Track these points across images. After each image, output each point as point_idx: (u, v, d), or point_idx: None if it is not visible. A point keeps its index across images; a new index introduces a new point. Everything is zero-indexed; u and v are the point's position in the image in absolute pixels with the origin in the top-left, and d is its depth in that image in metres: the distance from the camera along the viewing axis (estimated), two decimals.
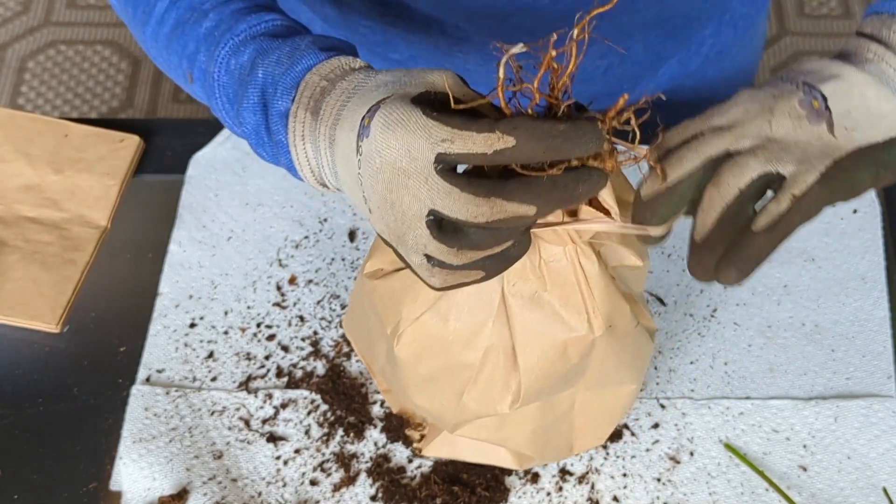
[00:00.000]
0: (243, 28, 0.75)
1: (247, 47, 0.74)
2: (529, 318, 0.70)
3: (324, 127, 0.68)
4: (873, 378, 0.88)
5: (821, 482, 0.84)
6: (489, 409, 0.74)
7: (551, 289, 0.69)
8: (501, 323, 0.71)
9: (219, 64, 0.75)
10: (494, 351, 0.72)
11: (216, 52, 0.75)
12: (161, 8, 0.80)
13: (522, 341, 0.71)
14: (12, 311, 0.93)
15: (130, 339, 0.92)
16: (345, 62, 0.71)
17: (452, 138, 0.59)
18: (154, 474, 0.84)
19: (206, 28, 0.77)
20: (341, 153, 0.66)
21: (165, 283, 0.95)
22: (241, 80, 0.73)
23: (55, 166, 1.01)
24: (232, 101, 0.75)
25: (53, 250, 0.96)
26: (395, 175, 0.61)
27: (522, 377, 0.72)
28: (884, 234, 0.95)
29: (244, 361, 0.90)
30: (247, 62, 0.73)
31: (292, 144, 0.70)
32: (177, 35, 0.79)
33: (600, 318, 0.70)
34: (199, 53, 0.77)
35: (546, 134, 0.59)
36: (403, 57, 1.08)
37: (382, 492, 0.84)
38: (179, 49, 0.79)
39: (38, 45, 2.22)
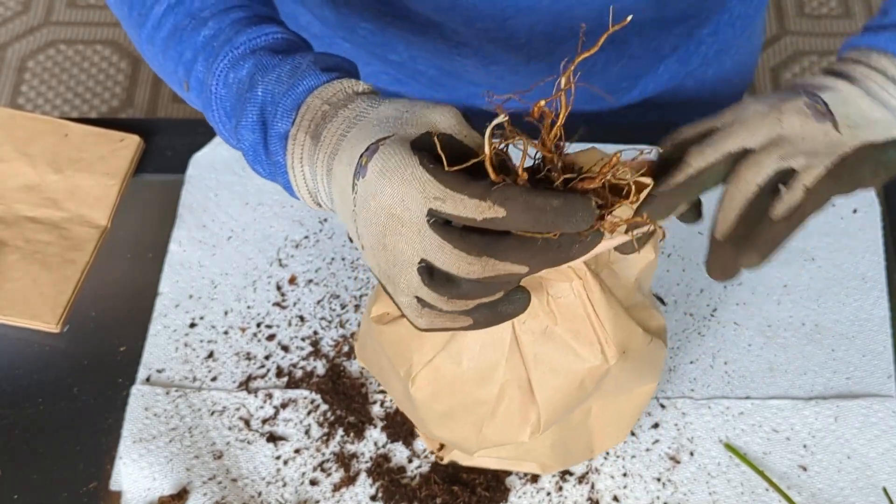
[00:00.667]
0: (243, 41, 0.74)
1: (246, 61, 0.73)
2: (542, 352, 0.70)
3: (323, 154, 0.67)
4: (873, 378, 0.88)
5: (821, 482, 0.84)
6: (509, 439, 0.75)
7: (562, 323, 0.69)
8: (515, 359, 0.71)
9: (217, 77, 0.74)
10: (510, 386, 0.72)
11: (214, 65, 0.74)
12: (158, 12, 0.80)
13: (538, 375, 0.71)
14: (12, 310, 0.93)
15: (130, 339, 0.92)
16: (347, 86, 0.70)
17: (444, 198, 0.59)
18: (154, 474, 0.84)
19: (205, 37, 0.76)
20: (338, 185, 0.66)
21: (165, 282, 0.95)
22: (240, 94, 0.73)
23: (55, 166, 1.01)
24: (229, 115, 0.74)
25: (53, 250, 0.96)
26: (390, 220, 0.61)
27: (541, 409, 0.72)
28: (884, 233, 0.95)
29: (244, 361, 0.90)
30: (245, 77, 0.73)
31: (290, 166, 0.70)
32: (174, 41, 0.78)
33: (613, 347, 0.71)
34: (196, 63, 0.76)
35: (537, 208, 0.59)
36: (403, 58, 1.08)
37: (382, 492, 0.84)
38: (176, 56, 0.78)
39: (38, 45, 2.22)
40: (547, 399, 0.72)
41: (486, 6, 0.94)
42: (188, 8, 0.78)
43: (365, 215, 0.62)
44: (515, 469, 0.83)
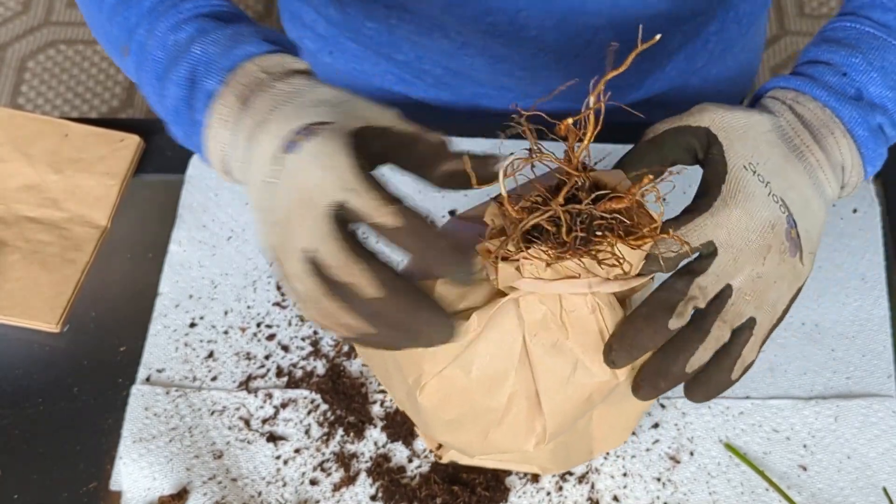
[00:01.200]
0: (189, 7, 0.74)
1: (188, 25, 0.73)
2: (552, 364, 0.70)
3: (249, 120, 0.67)
4: (873, 377, 0.88)
5: (821, 482, 0.84)
6: (514, 447, 0.75)
7: (573, 337, 0.69)
8: (524, 370, 0.71)
9: (157, 38, 0.74)
10: (518, 397, 0.72)
11: (156, 27, 0.74)
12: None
13: (545, 387, 0.71)
14: (12, 311, 0.93)
15: (130, 339, 0.92)
16: (289, 61, 0.71)
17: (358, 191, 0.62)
18: (154, 474, 0.84)
19: (151, 3, 0.76)
20: (259, 155, 0.66)
21: (165, 282, 0.95)
22: (176, 55, 0.72)
23: (55, 166, 1.01)
24: (160, 78, 0.73)
25: (53, 250, 0.96)
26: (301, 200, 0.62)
27: (547, 420, 0.72)
28: (884, 233, 0.95)
29: (244, 361, 0.91)
30: (185, 39, 0.72)
31: (209, 126, 0.70)
32: (122, 7, 0.77)
33: None
34: (139, 28, 0.75)
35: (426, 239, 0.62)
36: (409, 58, 1.08)
37: (382, 491, 0.84)
38: (122, 21, 0.77)
39: (38, 45, 2.22)
40: (553, 411, 0.72)
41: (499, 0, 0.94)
42: None
43: (285, 189, 0.63)
44: (515, 469, 0.83)
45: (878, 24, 0.77)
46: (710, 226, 0.68)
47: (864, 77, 0.74)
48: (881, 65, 0.75)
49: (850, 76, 0.75)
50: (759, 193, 0.69)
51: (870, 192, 0.97)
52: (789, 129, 0.73)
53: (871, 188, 0.97)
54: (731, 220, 0.68)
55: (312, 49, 1.15)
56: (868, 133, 0.74)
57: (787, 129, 0.73)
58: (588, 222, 0.63)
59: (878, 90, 0.74)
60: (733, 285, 0.69)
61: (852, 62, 0.75)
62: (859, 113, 0.74)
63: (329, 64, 1.15)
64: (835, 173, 0.74)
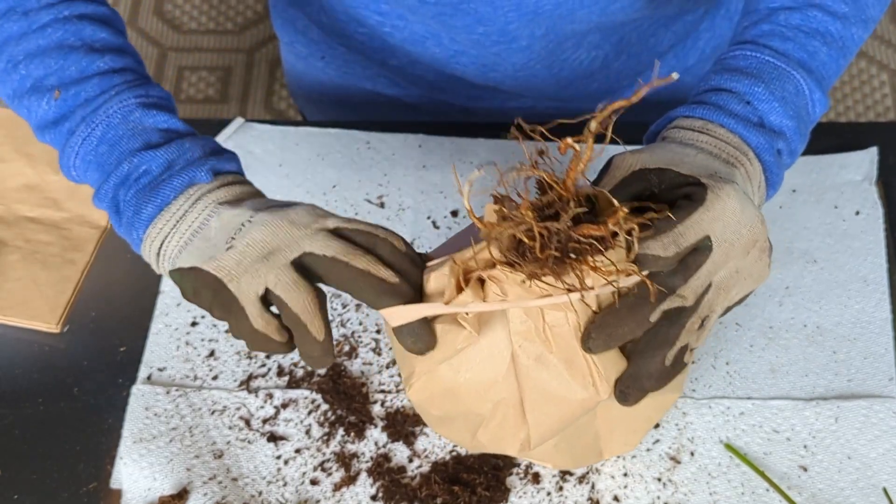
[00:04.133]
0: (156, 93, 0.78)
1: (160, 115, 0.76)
2: (537, 377, 0.70)
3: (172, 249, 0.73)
4: (875, 380, 0.88)
5: (821, 482, 0.84)
6: (500, 450, 0.76)
7: (556, 351, 0.69)
8: (511, 379, 0.71)
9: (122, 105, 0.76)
10: (504, 405, 0.72)
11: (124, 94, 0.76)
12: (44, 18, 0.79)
13: (530, 398, 0.71)
14: (12, 311, 0.93)
15: (130, 338, 0.92)
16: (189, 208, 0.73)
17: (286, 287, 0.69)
18: (154, 474, 0.84)
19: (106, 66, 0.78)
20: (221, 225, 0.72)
21: (167, 281, 0.95)
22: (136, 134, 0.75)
23: (55, 166, 1.01)
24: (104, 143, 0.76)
25: (53, 250, 0.96)
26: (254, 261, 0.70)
27: (531, 430, 0.73)
28: (886, 235, 0.95)
29: (245, 360, 0.90)
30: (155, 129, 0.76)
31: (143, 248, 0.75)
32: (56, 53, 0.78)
33: (605, 383, 0.70)
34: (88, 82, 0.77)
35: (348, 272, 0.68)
36: (402, 63, 1.08)
37: (383, 491, 0.83)
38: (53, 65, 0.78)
39: None
40: (537, 422, 0.72)
41: (488, 11, 0.94)
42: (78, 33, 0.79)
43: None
44: (528, 458, 0.83)
45: (777, 52, 0.78)
46: (706, 220, 0.68)
47: (766, 106, 0.76)
48: (781, 94, 0.76)
49: (753, 104, 0.76)
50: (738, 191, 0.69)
51: (872, 195, 0.97)
52: (713, 148, 0.74)
53: (874, 190, 0.97)
54: (726, 213, 0.68)
55: (305, 53, 1.15)
56: (772, 158, 0.76)
57: (711, 148, 0.74)
58: (564, 243, 0.64)
59: (778, 119, 0.76)
60: (713, 281, 0.69)
61: (755, 91, 0.76)
62: (765, 139, 0.75)
63: (321, 68, 1.15)
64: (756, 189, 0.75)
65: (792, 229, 0.96)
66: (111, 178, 0.74)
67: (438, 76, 1.08)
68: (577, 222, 0.64)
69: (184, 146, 0.75)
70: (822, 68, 0.79)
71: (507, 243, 0.66)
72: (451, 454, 0.85)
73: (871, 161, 0.99)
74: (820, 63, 0.79)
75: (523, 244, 0.64)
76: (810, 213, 0.97)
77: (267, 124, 1.04)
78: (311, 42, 1.13)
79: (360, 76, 1.14)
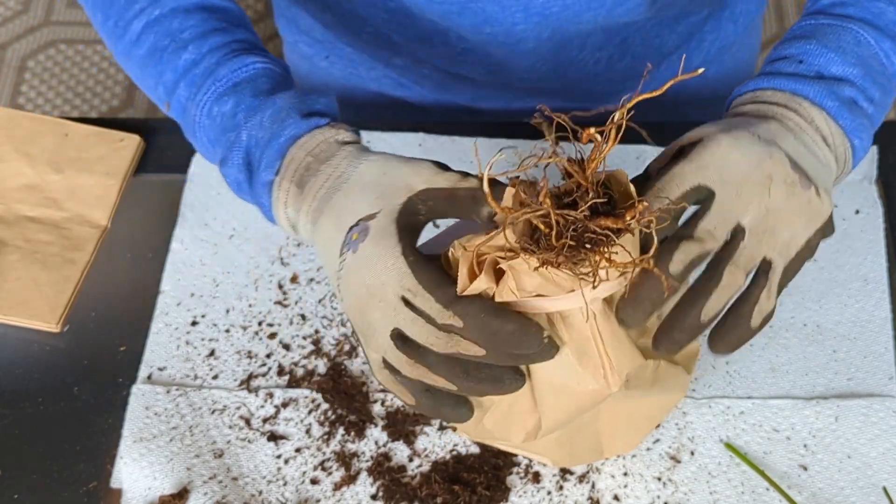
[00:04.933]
0: (224, 74, 0.78)
1: (229, 97, 0.78)
2: (548, 366, 0.70)
3: (307, 206, 0.73)
4: (875, 379, 0.88)
5: (821, 481, 0.84)
6: (504, 438, 0.76)
7: (568, 342, 0.69)
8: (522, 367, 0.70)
9: (200, 108, 0.79)
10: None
11: (198, 97, 0.79)
12: (136, 28, 0.82)
13: (540, 388, 0.71)
14: (12, 310, 0.93)
15: (130, 338, 0.92)
16: (330, 136, 0.75)
17: (416, 293, 0.66)
18: (154, 473, 0.84)
19: (186, 61, 0.80)
20: (323, 243, 0.72)
21: (167, 281, 0.95)
22: (223, 128, 0.78)
23: (55, 166, 1.01)
24: (213, 142, 0.79)
25: (53, 250, 0.96)
26: (370, 295, 0.67)
27: (542, 419, 0.72)
28: (886, 235, 0.95)
29: (245, 359, 0.90)
30: (229, 113, 0.77)
31: (275, 208, 0.76)
32: (154, 61, 0.82)
33: (616, 376, 0.70)
34: (178, 87, 0.80)
35: (491, 331, 0.64)
36: (407, 62, 1.07)
37: (383, 491, 0.84)
38: (156, 74, 0.82)
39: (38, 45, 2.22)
40: (547, 412, 0.72)
41: (495, 10, 0.94)
42: (167, 28, 0.81)
43: (348, 283, 0.68)
44: (528, 455, 0.83)
45: (834, 15, 0.77)
46: (690, 171, 0.67)
47: (821, 59, 0.74)
48: (837, 45, 0.74)
49: (806, 62, 0.74)
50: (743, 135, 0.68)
51: (872, 194, 0.97)
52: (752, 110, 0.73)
53: (874, 189, 0.97)
54: (716, 158, 0.67)
55: (309, 53, 1.14)
56: (839, 103, 0.73)
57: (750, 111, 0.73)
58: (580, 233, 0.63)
59: (839, 68, 0.74)
60: (744, 224, 0.67)
61: (807, 49, 0.75)
62: (823, 87, 0.73)
63: (325, 68, 1.14)
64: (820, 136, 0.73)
65: None
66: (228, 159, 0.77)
67: (444, 76, 1.08)
68: (594, 213, 0.63)
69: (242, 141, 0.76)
70: (891, 25, 0.76)
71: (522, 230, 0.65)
72: (452, 453, 0.85)
73: (870, 160, 0.99)
74: (888, 21, 0.76)
75: (539, 231, 0.64)
76: None
77: None
78: (314, 42, 1.13)
79: (364, 77, 1.13)
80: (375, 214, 0.69)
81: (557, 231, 0.62)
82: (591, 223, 0.63)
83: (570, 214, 0.62)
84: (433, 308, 0.65)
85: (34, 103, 2.14)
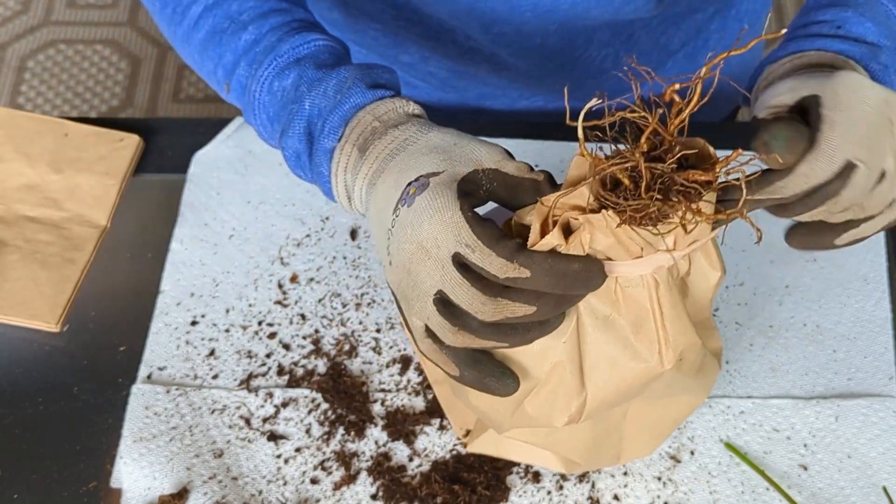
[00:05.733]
0: (286, 49, 0.77)
1: (290, 71, 0.76)
2: (601, 339, 0.68)
3: (367, 168, 0.70)
4: (875, 379, 0.88)
5: (821, 481, 0.84)
6: (545, 421, 0.72)
7: (625, 314, 0.68)
8: (573, 341, 0.69)
9: (261, 83, 0.77)
10: (562, 367, 0.69)
11: (258, 72, 0.77)
12: (195, 12, 0.82)
13: (591, 363, 0.69)
14: (12, 310, 0.93)
15: (130, 338, 0.92)
16: (399, 106, 0.73)
17: (474, 248, 0.63)
18: (154, 473, 0.84)
19: (246, 41, 0.79)
20: (378, 203, 0.69)
21: (167, 280, 0.95)
22: (284, 103, 0.76)
23: (55, 166, 1.01)
24: (272, 120, 0.77)
25: (53, 250, 0.96)
26: (419, 251, 0.64)
27: (588, 398, 0.70)
28: (886, 234, 0.95)
29: (245, 359, 0.90)
30: (290, 87, 0.76)
31: (333, 174, 0.73)
32: (213, 43, 0.81)
33: (671, 352, 0.69)
34: (238, 67, 0.79)
35: (558, 273, 0.62)
36: (414, 60, 1.07)
37: (383, 490, 0.84)
38: (216, 57, 0.81)
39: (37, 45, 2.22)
40: (596, 390, 0.70)
41: (504, 10, 0.94)
42: (226, 10, 0.80)
43: (399, 239, 0.65)
44: (538, 463, 0.82)
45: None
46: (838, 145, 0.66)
47: (858, 28, 0.75)
48: (872, 16, 0.75)
49: (844, 28, 0.75)
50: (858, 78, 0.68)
51: None
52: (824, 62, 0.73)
53: None
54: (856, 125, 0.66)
55: None
56: (880, 67, 0.74)
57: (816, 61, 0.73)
58: (667, 185, 0.62)
59: (874, 37, 0.75)
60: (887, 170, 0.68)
61: (844, 16, 0.75)
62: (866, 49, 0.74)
63: None
64: None
65: None
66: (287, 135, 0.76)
67: (450, 73, 1.08)
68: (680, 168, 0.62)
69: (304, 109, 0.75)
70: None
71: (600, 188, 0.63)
72: (452, 453, 0.85)
73: None
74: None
75: (621, 186, 0.62)
76: None
77: None
78: None
79: None
80: (439, 173, 0.66)
81: (647, 184, 0.61)
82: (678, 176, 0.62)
83: (659, 167, 0.61)
84: (494, 263, 0.62)
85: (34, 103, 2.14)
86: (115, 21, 2.24)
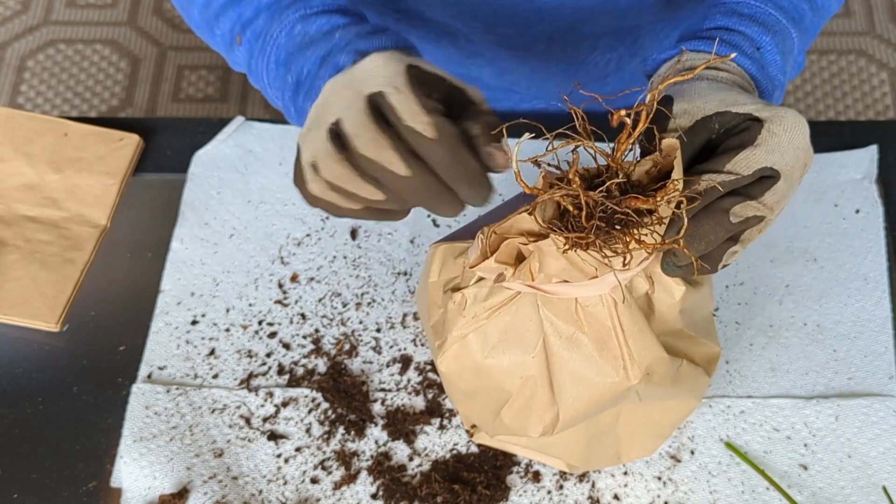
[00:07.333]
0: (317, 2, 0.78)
1: (319, 18, 0.76)
2: (567, 357, 0.69)
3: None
4: (875, 378, 0.88)
5: (821, 481, 0.84)
6: (521, 431, 0.74)
7: (588, 332, 0.69)
8: (542, 357, 0.70)
9: (283, 25, 0.77)
10: (533, 381, 0.71)
11: (283, 15, 0.77)
12: None
13: (560, 378, 0.71)
14: (12, 310, 0.93)
15: (130, 337, 0.92)
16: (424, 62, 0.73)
17: (400, 90, 0.64)
18: (154, 473, 0.84)
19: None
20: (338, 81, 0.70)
21: (167, 280, 0.95)
22: (302, 46, 0.76)
23: (55, 165, 1.01)
24: (279, 63, 0.77)
25: (53, 249, 0.96)
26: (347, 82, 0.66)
27: (560, 411, 0.72)
28: (886, 234, 0.95)
29: (245, 359, 0.90)
30: (315, 32, 0.76)
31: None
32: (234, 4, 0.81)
33: (637, 368, 0.70)
34: (257, 18, 0.79)
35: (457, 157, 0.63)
36: None
37: (383, 490, 0.83)
38: (234, 16, 0.81)
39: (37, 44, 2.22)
40: (567, 404, 0.71)
41: (508, 10, 0.94)
42: None
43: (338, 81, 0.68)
44: (541, 460, 0.83)
45: (777, 6, 0.79)
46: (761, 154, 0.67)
47: (770, 57, 0.77)
48: (782, 49, 0.78)
49: (761, 51, 0.77)
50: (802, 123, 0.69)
51: (872, 193, 0.97)
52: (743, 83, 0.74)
53: (874, 189, 0.97)
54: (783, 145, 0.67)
55: None
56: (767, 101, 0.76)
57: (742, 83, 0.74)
58: (610, 214, 0.62)
59: (775, 72, 0.77)
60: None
61: (764, 40, 0.77)
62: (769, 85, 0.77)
63: None
64: None
65: (792, 228, 0.96)
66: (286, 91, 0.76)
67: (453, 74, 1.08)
68: (624, 194, 0.63)
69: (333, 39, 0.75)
70: (807, 31, 0.81)
71: (551, 212, 0.64)
72: (452, 453, 0.85)
73: (870, 159, 0.99)
74: (806, 27, 0.81)
75: (568, 213, 0.63)
76: (810, 212, 0.97)
77: (267, 123, 1.04)
78: None
79: None
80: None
81: (587, 212, 0.62)
82: (619, 204, 0.62)
83: (600, 196, 0.62)
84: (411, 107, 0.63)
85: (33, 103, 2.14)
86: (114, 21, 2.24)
